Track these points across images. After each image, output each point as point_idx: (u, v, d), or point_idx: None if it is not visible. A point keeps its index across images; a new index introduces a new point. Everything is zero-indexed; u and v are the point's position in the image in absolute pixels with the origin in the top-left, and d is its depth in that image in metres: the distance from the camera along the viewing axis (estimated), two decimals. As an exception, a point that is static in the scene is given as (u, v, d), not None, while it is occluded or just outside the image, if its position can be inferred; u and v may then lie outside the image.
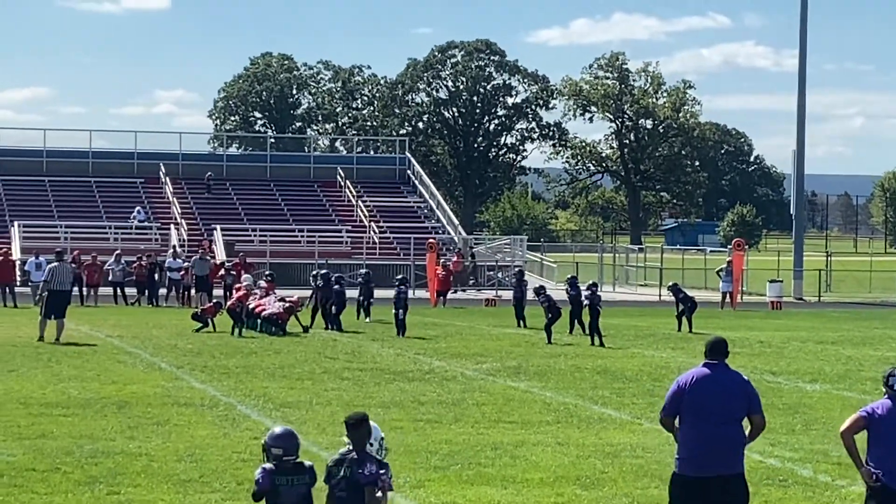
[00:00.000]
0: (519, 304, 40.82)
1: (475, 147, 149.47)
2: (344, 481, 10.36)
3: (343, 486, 10.36)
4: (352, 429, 10.47)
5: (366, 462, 10.34)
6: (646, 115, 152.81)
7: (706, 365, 11.93)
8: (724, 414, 11.73)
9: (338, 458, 10.48)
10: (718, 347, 11.99)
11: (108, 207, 70.03)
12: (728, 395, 11.79)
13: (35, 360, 28.65)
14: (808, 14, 63.92)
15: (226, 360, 29.15)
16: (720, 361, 11.95)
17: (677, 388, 11.94)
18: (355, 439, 10.45)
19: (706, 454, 11.68)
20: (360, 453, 10.41)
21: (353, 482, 10.31)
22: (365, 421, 10.50)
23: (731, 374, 11.96)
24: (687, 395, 11.82)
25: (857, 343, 36.22)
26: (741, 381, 11.95)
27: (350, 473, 10.33)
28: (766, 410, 20.46)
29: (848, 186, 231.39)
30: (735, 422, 11.82)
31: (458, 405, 22.35)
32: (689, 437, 11.80)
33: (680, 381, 12.00)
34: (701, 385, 11.81)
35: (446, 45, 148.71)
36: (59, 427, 19.37)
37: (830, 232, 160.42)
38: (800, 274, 63.11)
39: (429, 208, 75.09)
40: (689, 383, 11.86)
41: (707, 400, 11.73)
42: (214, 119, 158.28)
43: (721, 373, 11.90)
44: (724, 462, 11.72)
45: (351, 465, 10.35)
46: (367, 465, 10.31)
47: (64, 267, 34.36)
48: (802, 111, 64.83)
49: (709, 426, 11.69)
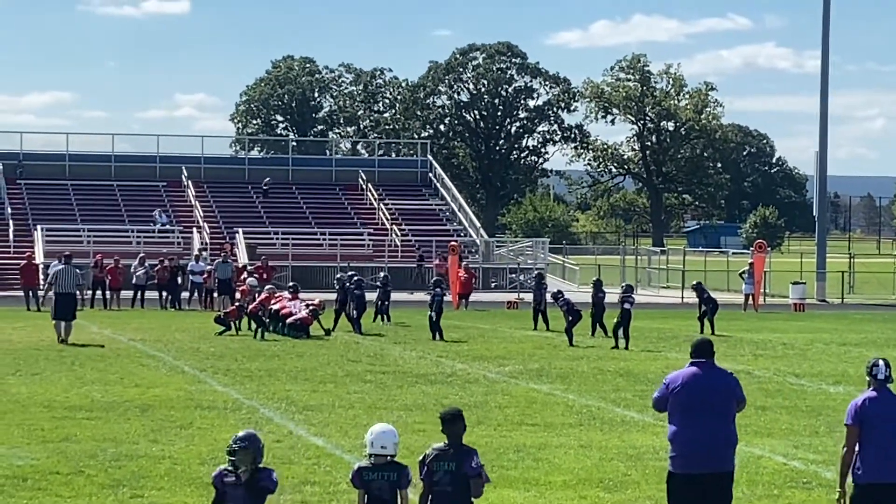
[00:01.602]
0: (539, 306, 40.81)
1: (497, 149, 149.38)
2: (448, 475, 10.62)
3: (448, 480, 10.63)
4: (448, 424, 10.78)
5: (471, 455, 10.67)
6: (667, 117, 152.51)
7: (693, 364, 12.11)
8: (715, 411, 11.89)
9: (437, 454, 10.72)
10: (704, 347, 12.21)
11: (130, 211, 70.17)
12: (717, 393, 11.97)
13: (58, 363, 28.74)
14: (830, 15, 63.79)
15: (248, 364, 29.18)
16: (707, 360, 12.14)
17: (665, 387, 12.12)
18: (452, 433, 10.76)
19: (699, 451, 11.81)
20: (460, 448, 10.70)
21: (460, 475, 10.59)
22: (460, 415, 10.84)
23: (717, 372, 12.17)
24: (677, 395, 11.96)
25: (881, 345, 36.08)
26: (727, 377, 12.22)
27: (455, 468, 10.62)
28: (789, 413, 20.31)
29: (871, 188, 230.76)
30: (726, 418, 11.95)
31: (481, 408, 22.34)
32: (681, 436, 11.93)
33: (668, 381, 12.16)
34: (689, 384, 11.97)
35: (468, 48, 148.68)
36: (82, 430, 19.42)
37: (853, 233, 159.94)
38: (823, 276, 62.93)
39: (450, 211, 75.07)
40: (677, 382, 12.02)
41: (697, 398, 11.89)
42: (236, 122, 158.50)
43: (708, 371, 12.09)
44: (717, 459, 11.85)
45: (454, 460, 10.64)
46: (472, 458, 10.66)
47: (68, 270, 34.80)
48: (825, 112, 64.67)
49: (700, 424, 11.82)
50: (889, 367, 11.90)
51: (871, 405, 11.70)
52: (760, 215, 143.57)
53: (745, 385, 25.80)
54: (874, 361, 11.94)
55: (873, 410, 11.66)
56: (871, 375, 11.85)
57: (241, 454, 10.39)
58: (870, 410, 11.67)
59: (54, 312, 33.99)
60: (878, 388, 11.79)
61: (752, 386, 25.99)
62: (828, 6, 63.55)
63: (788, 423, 21.04)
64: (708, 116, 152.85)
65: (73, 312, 34.01)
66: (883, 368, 11.82)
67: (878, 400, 11.73)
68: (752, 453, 18.03)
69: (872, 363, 11.93)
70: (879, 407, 11.68)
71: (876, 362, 11.90)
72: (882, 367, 11.82)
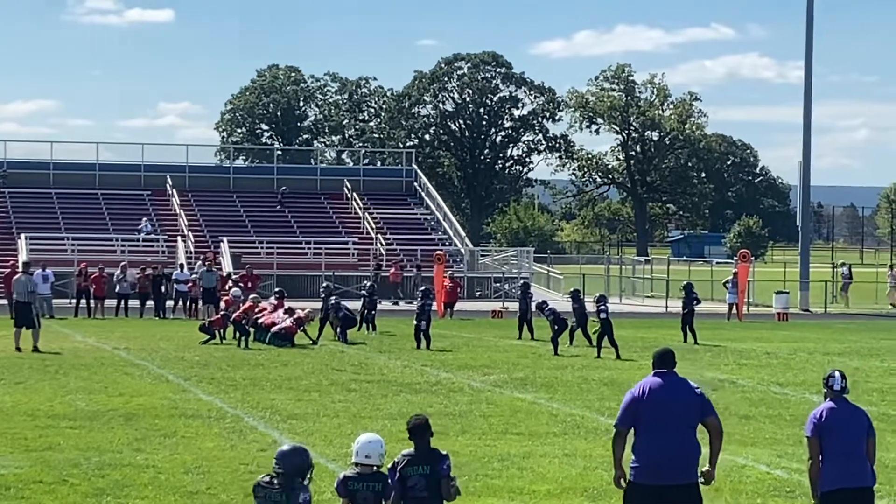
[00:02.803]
0: (524, 316, 40.84)
1: (482, 159, 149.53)
2: (423, 480, 10.68)
3: (423, 484, 10.68)
4: (416, 434, 10.90)
5: (444, 458, 10.76)
6: (652, 126, 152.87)
7: (657, 374, 12.06)
8: (679, 422, 11.83)
9: (408, 459, 10.77)
10: (667, 357, 12.13)
11: (114, 220, 70.06)
12: (681, 403, 11.89)
13: (42, 372, 28.69)
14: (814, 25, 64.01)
15: (233, 372, 29.16)
16: (669, 370, 12.08)
17: (632, 398, 12.01)
18: (420, 443, 10.87)
19: (662, 462, 11.74)
20: (431, 451, 10.81)
21: (434, 479, 10.64)
22: (427, 424, 10.95)
23: (681, 383, 12.06)
24: (642, 406, 11.90)
25: (864, 354, 36.18)
26: (692, 388, 12.06)
27: (429, 471, 10.69)
28: (773, 422, 20.35)
29: (854, 198, 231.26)
30: (690, 429, 11.90)
31: (465, 417, 22.35)
32: (644, 447, 11.86)
33: (634, 392, 12.08)
34: (654, 395, 11.91)
35: (453, 58, 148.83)
36: (66, 439, 19.40)
37: (836, 243, 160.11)
38: (806, 285, 63.07)
39: (435, 220, 75.07)
40: (642, 393, 11.96)
41: (661, 409, 11.83)
42: (221, 131, 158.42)
43: (672, 381, 12.01)
44: (681, 471, 11.79)
45: (428, 463, 10.73)
46: (446, 461, 10.75)
47: (23, 278, 35.16)
48: (808, 123, 64.79)
49: (664, 435, 11.76)
50: (845, 379, 12.24)
51: (830, 415, 12.03)
52: (744, 225, 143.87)
53: (729, 394, 26.03)
54: (830, 373, 12.30)
55: (832, 421, 12.00)
56: (828, 387, 12.20)
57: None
58: (829, 421, 12.00)
59: (15, 320, 34.67)
60: (835, 398, 12.13)
61: (735, 395, 26.05)
62: (811, 17, 63.73)
63: (772, 433, 21.09)
64: (692, 126, 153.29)
65: (33, 320, 34.11)
66: (839, 380, 12.15)
67: (837, 410, 12.06)
68: (735, 462, 18.06)
69: (829, 374, 12.28)
70: (838, 417, 12.02)
71: (832, 374, 12.25)
72: (838, 379, 12.16)
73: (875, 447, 12.22)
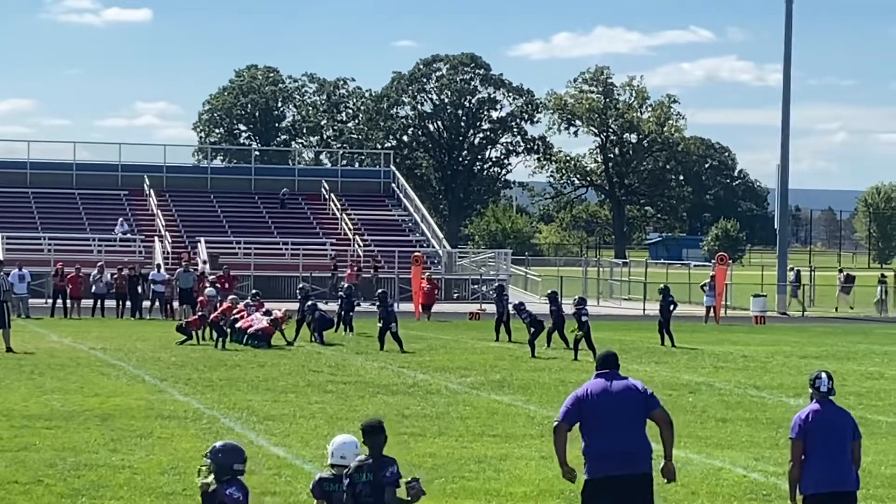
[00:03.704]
0: (501, 318, 40.80)
1: (460, 160, 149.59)
2: (368, 486, 10.55)
3: (368, 491, 10.55)
4: (369, 435, 10.71)
5: (387, 465, 10.60)
6: (630, 129, 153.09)
7: (599, 375, 12.13)
8: (625, 418, 11.87)
9: (358, 466, 10.65)
10: (609, 359, 12.25)
11: (91, 220, 69.88)
12: (625, 400, 11.94)
13: (18, 372, 28.57)
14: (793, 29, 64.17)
15: (209, 373, 29.09)
16: (612, 370, 12.15)
17: (575, 398, 12.09)
18: (372, 444, 10.70)
19: (613, 455, 11.80)
20: (379, 458, 10.64)
21: (378, 486, 10.51)
22: (381, 427, 10.78)
23: (624, 381, 12.12)
24: (586, 405, 11.95)
25: (841, 358, 36.26)
26: (634, 384, 12.14)
27: (373, 478, 10.53)
28: (749, 425, 20.34)
29: (832, 201, 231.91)
30: (637, 424, 11.90)
31: (442, 418, 22.33)
32: (594, 444, 11.93)
33: (577, 392, 12.15)
34: (598, 394, 11.97)
35: (431, 59, 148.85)
36: (41, 439, 19.31)
37: (814, 247, 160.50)
38: (783, 288, 63.25)
39: (413, 222, 75.06)
40: (587, 394, 12.02)
41: (606, 407, 11.89)
42: (199, 131, 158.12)
43: (615, 381, 12.07)
44: (632, 462, 11.84)
45: (372, 470, 10.56)
46: (389, 468, 10.58)
47: None
48: (787, 126, 64.98)
49: (612, 431, 11.82)
50: (831, 380, 12.07)
51: (815, 418, 11.89)
52: (722, 228, 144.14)
53: (706, 397, 26.06)
54: (817, 374, 12.11)
55: (817, 423, 11.86)
56: (815, 388, 12.03)
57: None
58: (814, 423, 11.87)
59: None
60: (821, 400, 11.98)
61: (713, 398, 26.09)
62: (790, 21, 63.93)
63: (749, 436, 21.11)
64: (670, 129, 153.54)
65: (4, 320, 33.89)
66: (825, 381, 11.98)
67: (822, 412, 11.92)
68: (712, 465, 18.08)
69: (815, 376, 12.10)
70: (823, 419, 11.88)
71: (819, 375, 12.07)
72: (825, 380, 11.99)
73: (860, 451, 12.13)
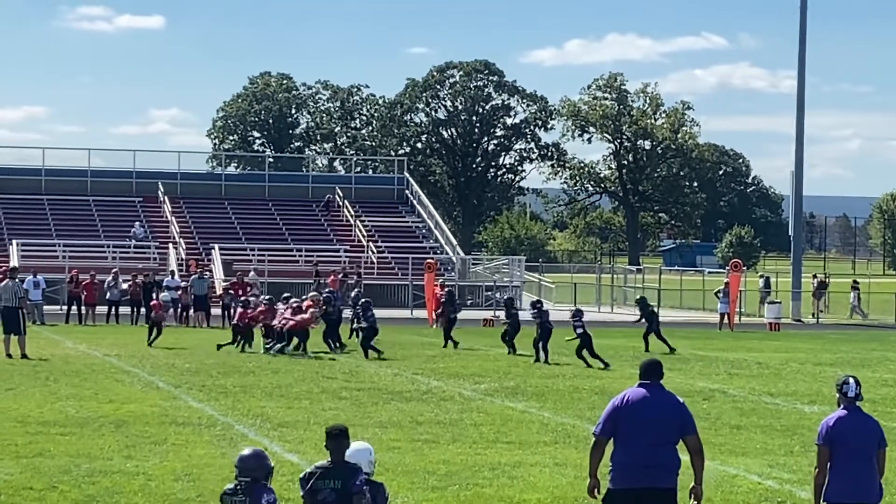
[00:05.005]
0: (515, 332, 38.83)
1: (474, 167, 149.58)
2: (334, 494, 10.37)
3: (333, 498, 10.36)
4: (333, 439, 10.53)
5: (356, 473, 10.40)
6: (644, 135, 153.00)
7: (641, 385, 11.78)
8: (658, 436, 11.57)
9: (321, 472, 10.48)
10: (653, 368, 11.84)
11: (106, 226, 70.01)
12: (662, 417, 11.61)
13: (33, 378, 28.63)
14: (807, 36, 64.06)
15: (223, 380, 29.12)
16: (654, 382, 11.78)
17: (613, 408, 11.77)
18: (335, 449, 10.51)
19: (637, 468, 11.53)
20: (343, 464, 10.46)
21: (345, 494, 10.33)
22: (345, 432, 10.57)
23: (666, 396, 11.77)
24: (621, 415, 11.66)
25: (856, 365, 36.17)
26: (676, 403, 11.77)
27: (340, 485, 10.34)
28: (764, 432, 20.29)
29: (846, 208, 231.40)
30: (669, 444, 11.64)
31: (456, 425, 22.33)
32: (621, 455, 11.68)
33: (615, 401, 11.83)
34: (635, 406, 11.65)
35: (445, 66, 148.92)
36: (56, 446, 19.35)
37: (828, 253, 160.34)
38: (798, 295, 63.11)
39: (427, 228, 75.07)
40: (624, 403, 11.71)
41: (640, 421, 11.57)
42: (213, 138, 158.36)
43: (656, 394, 11.72)
44: (657, 476, 11.56)
45: (339, 477, 10.38)
46: (357, 476, 10.37)
47: (9, 284, 34.95)
48: (801, 132, 64.83)
49: (642, 447, 11.54)
50: (859, 386, 11.75)
51: (842, 424, 11.58)
52: (736, 234, 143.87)
53: (720, 404, 26.03)
54: (844, 379, 11.78)
55: (844, 429, 11.55)
56: (842, 393, 11.70)
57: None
58: (840, 429, 11.56)
59: (3, 327, 34.59)
60: (849, 406, 11.66)
61: (726, 405, 26.05)
62: (804, 27, 63.81)
63: (763, 443, 21.08)
64: (684, 136, 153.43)
65: (19, 326, 34.02)
66: (853, 386, 11.66)
67: (849, 419, 11.61)
68: (726, 472, 18.06)
69: (843, 381, 11.76)
70: (850, 426, 11.57)
71: (846, 380, 11.73)
72: (852, 385, 11.67)
73: (885, 459, 11.87)
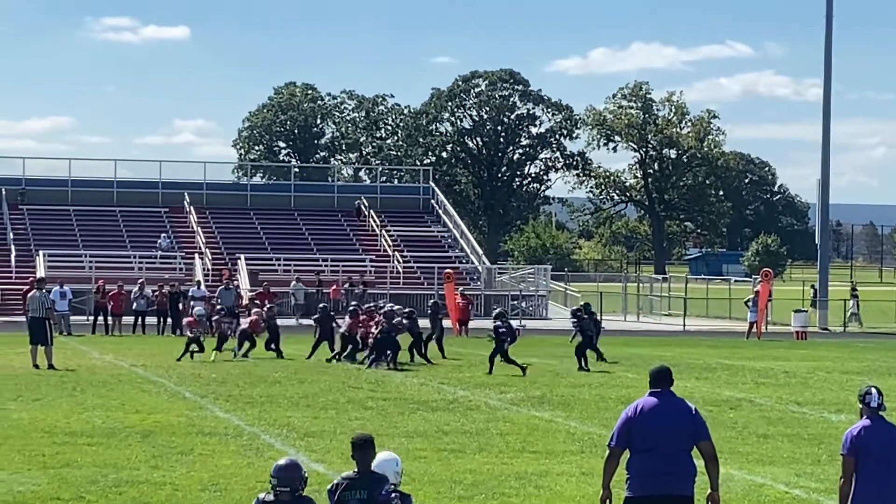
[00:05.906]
0: (590, 343, 37.01)
1: (499, 176, 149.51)
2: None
3: None
4: (359, 449, 10.52)
5: (382, 483, 10.38)
6: (670, 144, 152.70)
7: (652, 394, 11.75)
8: (671, 443, 11.53)
9: (347, 483, 10.47)
10: (663, 376, 11.80)
11: (132, 237, 70.27)
12: (674, 425, 11.58)
13: (60, 389, 28.72)
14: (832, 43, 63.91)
15: (250, 390, 29.15)
16: (665, 390, 11.76)
17: (626, 418, 11.75)
18: (361, 459, 10.50)
19: (655, 475, 11.49)
20: (369, 474, 10.44)
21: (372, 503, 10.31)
22: (371, 442, 10.57)
23: (677, 403, 11.75)
24: (636, 425, 11.63)
25: (883, 373, 36.03)
26: (687, 410, 11.73)
27: (367, 496, 10.34)
28: (791, 441, 20.21)
29: (873, 216, 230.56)
30: (683, 451, 11.61)
31: (482, 435, 22.30)
32: (637, 464, 11.63)
33: (628, 412, 11.79)
34: (647, 415, 11.62)
35: (470, 75, 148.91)
36: (83, 456, 19.40)
37: (855, 262, 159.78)
38: (825, 304, 62.90)
39: (452, 238, 75.09)
40: (635, 413, 11.68)
41: (653, 429, 11.55)
42: (238, 149, 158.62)
43: (667, 402, 11.70)
44: (674, 483, 11.52)
45: (365, 487, 10.36)
46: (384, 485, 10.36)
47: (36, 294, 35.10)
48: (827, 141, 64.65)
49: (656, 456, 11.50)
50: (882, 395, 11.68)
51: (866, 434, 11.51)
52: (762, 243, 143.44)
53: (747, 413, 25.93)
54: (867, 389, 11.70)
55: (868, 439, 11.49)
56: (864, 403, 11.62)
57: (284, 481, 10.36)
58: (865, 439, 11.49)
59: (30, 337, 34.55)
60: (872, 416, 11.60)
61: (753, 414, 25.97)
62: (830, 35, 63.66)
63: (790, 452, 21.01)
64: (710, 144, 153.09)
65: (46, 337, 34.06)
66: (875, 396, 11.58)
67: (873, 429, 11.54)
68: (753, 481, 18.00)
69: (865, 391, 11.68)
70: (874, 436, 11.50)
71: (868, 390, 11.66)
72: (875, 395, 11.58)
73: None
